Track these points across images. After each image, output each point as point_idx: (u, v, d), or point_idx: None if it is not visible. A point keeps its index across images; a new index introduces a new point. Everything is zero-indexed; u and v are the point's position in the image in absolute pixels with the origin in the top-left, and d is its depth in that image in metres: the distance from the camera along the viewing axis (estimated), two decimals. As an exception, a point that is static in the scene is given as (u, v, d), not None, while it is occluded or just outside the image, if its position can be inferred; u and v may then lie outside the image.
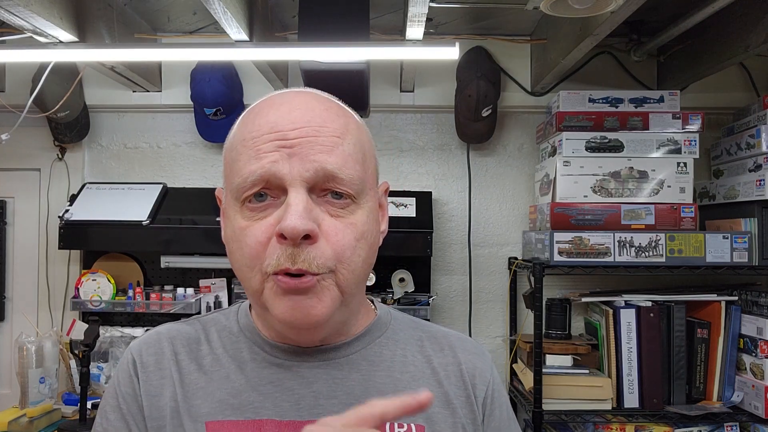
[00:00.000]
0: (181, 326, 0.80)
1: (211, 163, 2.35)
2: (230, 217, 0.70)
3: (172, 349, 0.76)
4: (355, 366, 0.74)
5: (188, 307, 2.16)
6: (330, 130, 0.68)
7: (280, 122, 0.67)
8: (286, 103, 0.70)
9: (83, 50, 1.70)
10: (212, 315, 0.82)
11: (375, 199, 0.74)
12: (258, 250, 0.66)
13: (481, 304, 2.31)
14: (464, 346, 0.81)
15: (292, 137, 0.66)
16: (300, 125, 0.66)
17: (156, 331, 0.80)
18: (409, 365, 0.77)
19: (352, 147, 0.69)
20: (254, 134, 0.67)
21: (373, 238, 0.71)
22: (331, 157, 0.66)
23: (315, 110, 0.69)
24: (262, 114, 0.69)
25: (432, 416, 0.73)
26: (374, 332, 0.78)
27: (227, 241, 0.72)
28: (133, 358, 0.76)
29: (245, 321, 0.78)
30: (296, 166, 0.65)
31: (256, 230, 0.66)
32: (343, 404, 0.70)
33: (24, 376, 1.97)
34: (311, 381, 0.72)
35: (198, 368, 0.74)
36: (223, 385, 0.72)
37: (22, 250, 2.35)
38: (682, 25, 1.78)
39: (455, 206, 2.33)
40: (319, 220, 0.65)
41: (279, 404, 0.70)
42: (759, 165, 1.90)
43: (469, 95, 2.14)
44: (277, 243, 0.64)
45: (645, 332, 1.87)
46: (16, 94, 2.23)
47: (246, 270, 0.67)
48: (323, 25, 1.75)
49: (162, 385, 0.74)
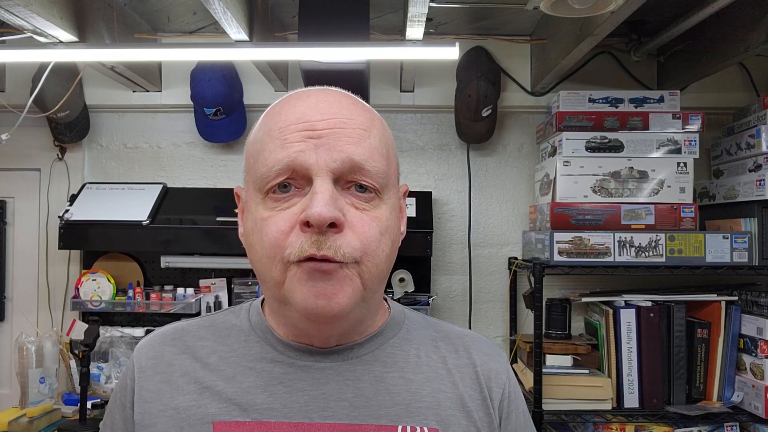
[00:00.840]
0: (188, 324, 0.79)
1: (211, 163, 2.35)
2: (251, 210, 0.69)
3: (175, 349, 0.75)
4: (368, 367, 0.72)
5: (188, 307, 2.16)
6: (357, 122, 0.68)
7: (308, 113, 0.67)
8: (314, 96, 0.70)
9: (83, 50, 1.70)
10: (221, 313, 0.81)
11: (397, 197, 0.73)
12: (279, 239, 0.64)
13: (481, 304, 2.31)
14: (479, 347, 0.80)
15: (320, 128, 0.66)
16: (328, 116, 0.67)
17: (161, 332, 0.79)
18: (423, 366, 0.75)
19: (377, 141, 0.69)
20: (281, 125, 0.67)
21: (395, 236, 0.71)
22: (359, 149, 0.66)
23: (342, 103, 0.69)
24: (290, 105, 0.69)
25: (446, 419, 0.71)
26: (388, 332, 0.76)
27: (247, 235, 0.70)
28: (133, 364, 0.76)
29: (257, 319, 0.76)
30: (323, 155, 0.64)
31: (278, 219, 0.65)
32: (354, 406, 0.69)
33: (24, 376, 1.97)
34: (322, 382, 0.70)
35: (203, 367, 0.73)
36: (230, 385, 0.71)
37: (22, 250, 2.35)
38: (682, 25, 1.78)
39: (455, 206, 2.33)
40: (344, 210, 0.65)
41: (288, 405, 0.69)
42: (759, 165, 1.90)
43: (469, 95, 2.14)
44: (301, 231, 0.63)
45: (645, 332, 1.87)
46: (16, 94, 2.23)
47: (266, 261, 0.66)
48: (323, 25, 1.75)
49: (159, 389, 0.72)
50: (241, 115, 2.26)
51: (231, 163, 2.35)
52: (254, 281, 2.21)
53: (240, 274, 2.23)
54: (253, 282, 2.22)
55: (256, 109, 2.29)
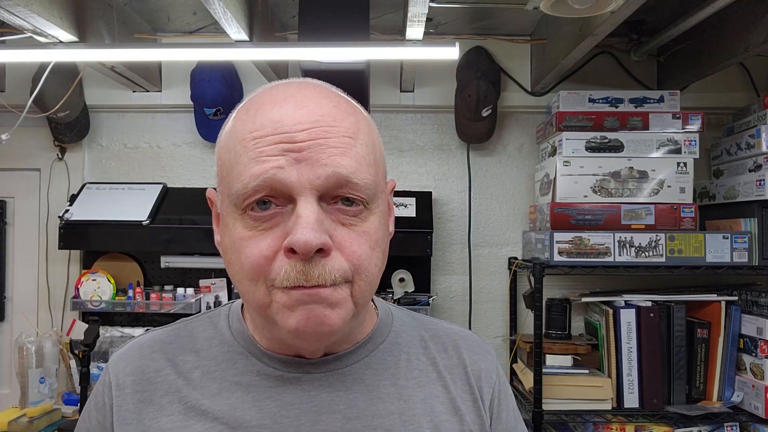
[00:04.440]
0: (165, 335, 0.74)
1: (211, 163, 2.35)
2: (228, 225, 0.63)
3: (156, 365, 0.70)
4: (359, 376, 0.70)
5: (188, 307, 2.16)
6: (341, 129, 0.61)
7: (285, 121, 0.60)
8: (290, 99, 0.62)
9: (83, 50, 1.70)
10: (198, 319, 0.75)
11: (386, 203, 0.68)
12: (262, 264, 0.60)
13: (481, 304, 2.31)
14: (469, 346, 0.78)
15: (300, 140, 0.59)
16: (308, 125, 0.60)
17: (138, 344, 0.73)
18: (414, 370, 0.73)
19: (364, 148, 0.63)
20: (255, 134, 0.60)
21: (384, 245, 0.66)
22: (345, 161, 0.60)
23: (323, 107, 0.62)
24: (264, 110, 0.62)
25: (440, 425, 0.70)
26: (377, 338, 0.73)
27: (224, 251, 0.65)
28: (110, 380, 0.70)
29: (238, 327, 0.72)
30: (305, 172, 0.58)
31: (260, 243, 0.60)
32: (347, 418, 0.67)
33: (24, 376, 1.97)
34: (313, 394, 0.67)
35: (187, 384, 0.68)
36: (216, 403, 0.66)
37: (22, 250, 2.35)
38: (682, 25, 1.78)
39: (455, 206, 2.33)
40: (331, 230, 0.60)
41: (278, 420, 0.66)
42: (759, 165, 1.90)
43: (469, 95, 2.14)
44: (285, 257, 0.59)
45: (645, 332, 1.87)
46: (16, 94, 2.23)
47: (248, 283, 0.62)
48: (323, 25, 1.75)
49: (140, 409, 0.67)
50: (241, 115, 2.26)
51: (231, 163, 2.34)
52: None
53: (240, 274, 2.23)
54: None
55: (256, 109, 2.29)
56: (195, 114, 2.27)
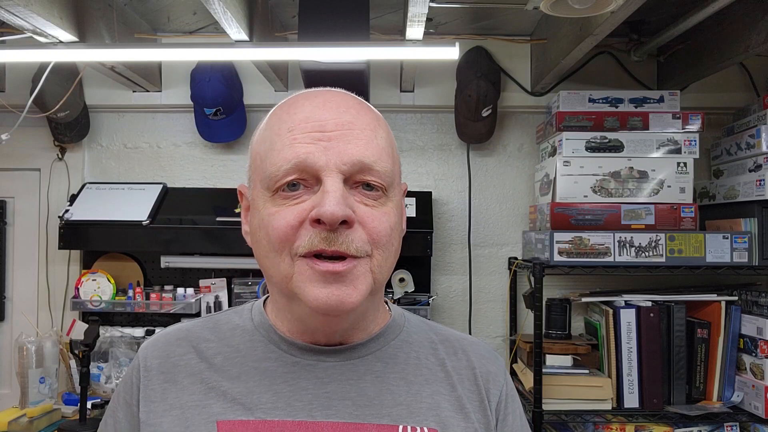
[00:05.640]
0: (192, 325, 0.80)
1: (211, 163, 2.35)
2: (259, 208, 0.70)
3: (181, 350, 0.76)
4: (370, 367, 0.74)
5: (188, 307, 2.16)
6: (364, 123, 0.70)
7: (317, 113, 0.68)
8: (320, 96, 0.71)
9: (83, 50, 1.70)
10: (225, 313, 0.82)
11: (401, 195, 0.75)
12: (287, 232, 0.66)
13: (481, 304, 2.31)
14: (478, 350, 0.81)
15: (329, 129, 0.67)
16: (336, 117, 0.68)
17: (166, 333, 0.80)
18: (422, 368, 0.76)
19: (384, 141, 0.71)
20: (290, 125, 0.68)
21: (399, 234, 0.72)
22: (368, 150, 0.68)
23: (349, 103, 0.71)
24: (297, 105, 0.71)
25: (445, 420, 0.72)
26: (389, 334, 0.78)
27: (253, 233, 0.72)
28: (138, 363, 0.76)
29: (260, 319, 0.77)
30: (333, 157, 0.66)
31: (286, 213, 0.66)
32: (357, 405, 0.70)
33: (24, 376, 1.97)
34: (326, 381, 0.71)
35: (209, 367, 0.74)
36: (235, 385, 0.71)
37: (22, 250, 2.35)
38: (682, 25, 1.78)
39: (455, 206, 2.33)
40: (354, 207, 0.66)
41: (292, 404, 0.70)
42: (759, 165, 1.90)
43: (469, 95, 2.14)
44: (311, 227, 0.65)
45: (645, 332, 1.87)
46: (16, 94, 2.23)
47: (273, 255, 0.67)
48: (323, 25, 1.75)
49: (164, 389, 0.73)
50: (241, 115, 2.26)
51: (231, 163, 2.35)
52: (254, 281, 2.21)
53: (240, 274, 2.23)
54: (253, 282, 2.22)
55: (256, 109, 2.29)
56: (195, 114, 2.27)
